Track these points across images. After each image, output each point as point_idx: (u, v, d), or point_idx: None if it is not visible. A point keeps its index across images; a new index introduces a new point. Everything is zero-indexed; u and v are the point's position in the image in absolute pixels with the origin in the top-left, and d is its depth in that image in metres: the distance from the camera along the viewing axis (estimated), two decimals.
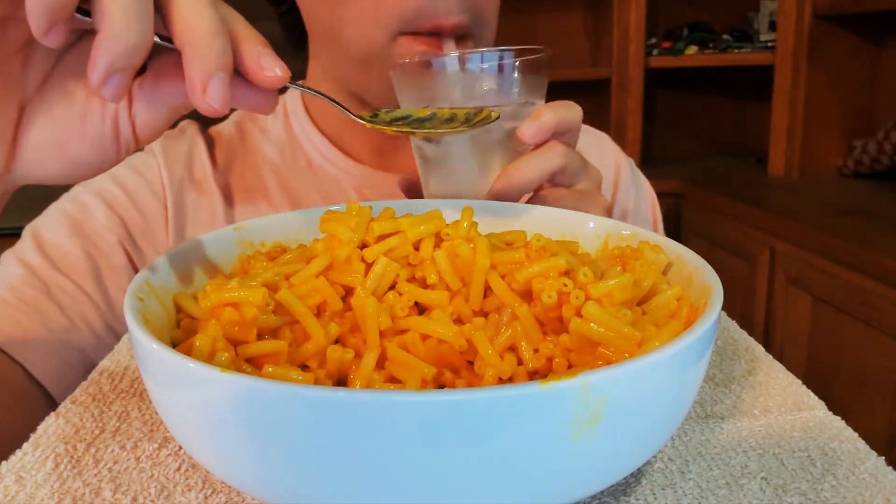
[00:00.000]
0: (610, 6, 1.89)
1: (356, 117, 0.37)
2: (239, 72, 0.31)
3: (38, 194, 0.58)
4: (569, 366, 0.30)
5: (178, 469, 0.30)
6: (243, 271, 0.36)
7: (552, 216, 0.41)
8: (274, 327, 0.30)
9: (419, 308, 0.33)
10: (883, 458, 0.30)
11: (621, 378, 0.22)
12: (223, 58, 0.30)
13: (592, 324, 0.28)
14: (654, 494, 0.28)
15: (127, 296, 0.29)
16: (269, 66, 0.31)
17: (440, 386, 0.30)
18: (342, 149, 0.66)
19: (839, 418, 0.33)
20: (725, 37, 1.94)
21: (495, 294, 0.32)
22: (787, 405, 0.34)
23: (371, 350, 0.30)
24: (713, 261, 0.32)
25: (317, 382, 0.28)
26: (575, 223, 0.40)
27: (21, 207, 0.56)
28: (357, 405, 0.21)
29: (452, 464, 0.21)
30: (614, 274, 0.31)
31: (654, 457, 0.30)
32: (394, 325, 0.31)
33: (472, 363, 0.30)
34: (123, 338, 0.43)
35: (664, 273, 0.35)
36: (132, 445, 0.31)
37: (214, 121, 0.68)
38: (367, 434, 0.21)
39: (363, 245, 0.34)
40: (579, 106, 0.48)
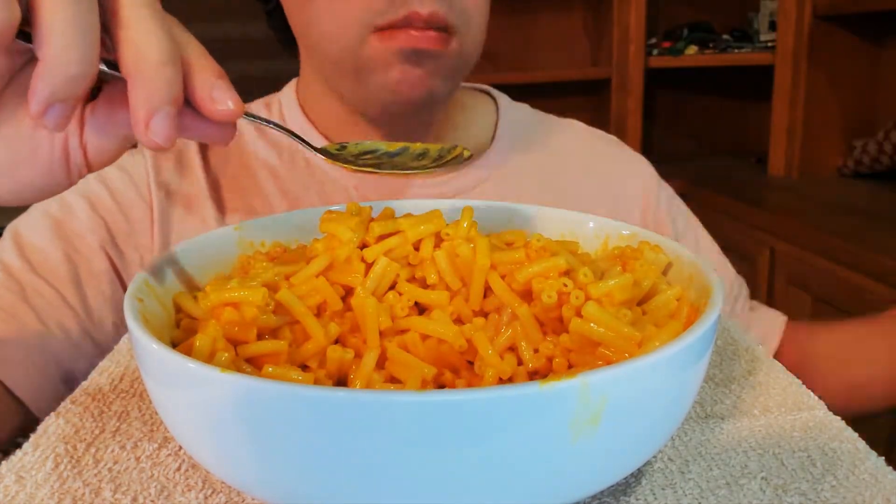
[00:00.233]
0: (610, 6, 1.89)
1: (316, 151, 0.35)
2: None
3: None
4: (569, 366, 0.30)
5: (178, 469, 0.30)
6: (243, 271, 0.36)
7: (552, 216, 0.41)
8: (274, 327, 0.30)
9: (419, 308, 0.33)
10: (883, 459, 0.30)
11: (621, 378, 0.22)
12: (171, 90, 0.28)
13: (592, 324, 0.28)
14: (654, 494, 0.28)
15: (127, 296, 0.29)
16: (222, 99, 0.29)
17: (440, 386, 0.30)
18: None
19: (839, 418, 0.33)
20: (725, 37, 1.94)
21: (495, 294, 0.32)
22: (787, 405, 0.34)
23: (371, 350, 0.30)
24: None
25: (317, 382, 0.29)
26: (575, 223, 0.40)
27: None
28: (357, 405, 0.21)
29: (452, 464, 0.21)
30: (614, 274, 0.31)
31: (654, 457, 0.30)
32: (394, 325, 0.31)
33: (472, 363, 0.30)
34: (124, 338, 0.43)
35: (664, 273, 0.35)
36: (132, 445, 0.31)
37: None
38: (367, 434, 0.21)
39: (363, 245, 0.34)
40: None
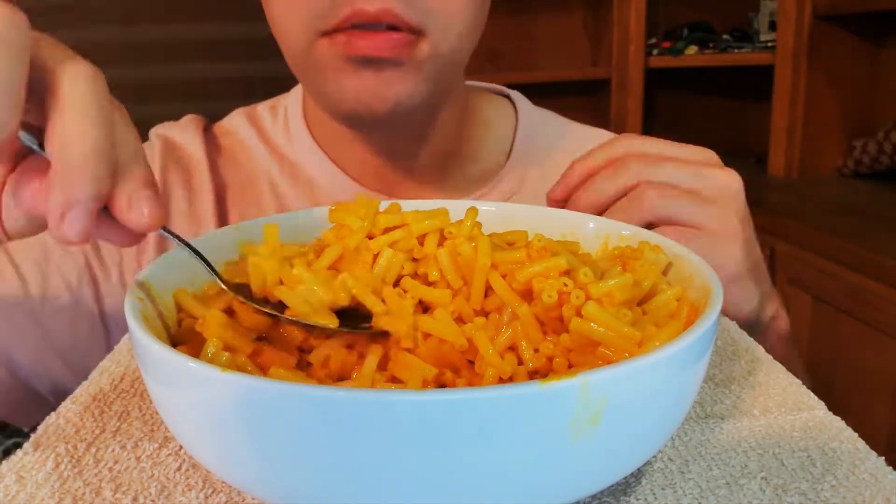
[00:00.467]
0: (610, 6, 1.89)
1: (222, 283, 0.33)
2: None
3: None
4: (569, 366, 0.30)
5: (179, 469, 0.30)
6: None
7: (553, 216, 0.41)
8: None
9: (421, 306, 0.33)
10: (883, 459, 0.30)
11: (621, 378, 0.22)
12: (93, 188, 0.26)
13: (592, 324, 0.28)
14: (654, 494, 0.28)
15: (127, 296, 0.29)
16: (139, 209, 0.27)
17: (441, 385, 0.30)
18: (343, 170, 0.60)
19: (839, 418, 0.33)
20: (725, 37, 1.94)
21: (496, 293, 0.32)
22: (787, 405, 0.34)
23: (373, 353, 0.30)
24: None
25: (319, 383, 0.29)
26: (575, 223, 0.40)
27: None
28: (357, 405, 0.21)
29: (452, 463, 0.21)
30: (614, 274, 0.31)
31: (654, 457, 0.30)
32: None
33: (473, 363, 0.30)
34: (124, 338, 0.43)
35: (664, 273, 0.35)
36: (132, 445, 0.31)
37: (220, 116, 0.66)
38: (368, 434, 0.21)
39: (370, 237, 0.34)
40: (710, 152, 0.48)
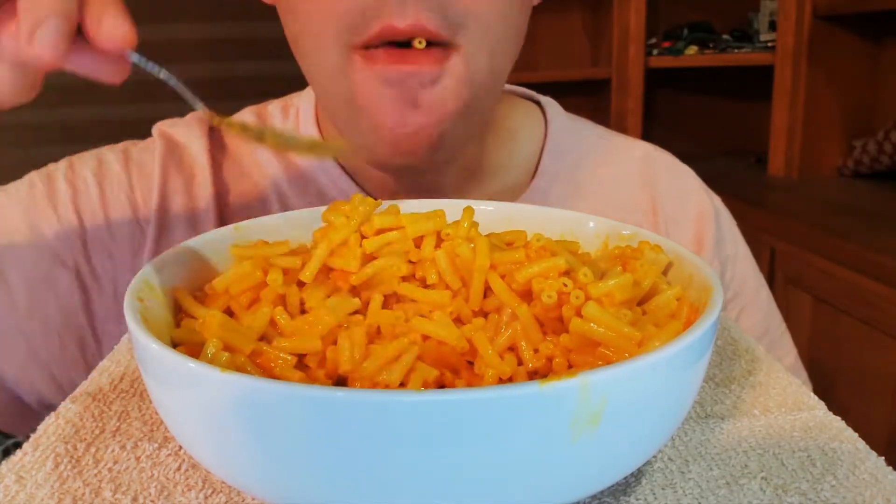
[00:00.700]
0: (610, 6, 1.89)
1: (213, 114, 0.33)
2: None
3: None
4: (569, 366, 0.30)
5: (178, 469, 0.30)
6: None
7: (552, 216, 0.41)
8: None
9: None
10: (883, 459, 0.30)
11: (621, 378, 0.22)
12: (60, 4, 0.26)
13: (592, 324, 0.28)
14: (654, 494, 0.28)
15: (127, 296, 0.29)
16: (109, 28, 0.27)
17: (440, 386, 0.30)
18: (357, 182, 0.56)
19: (839, 418, 0.33)
20: (725, 37, 1.94)
21: (495, 294, 0.32)
22: (788, 405, 0.34)
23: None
24: None
25: (315, 383, 0.28)
26: (575, 223, 0.40)
27: None
28: (357, 405, 0.21)
29: (452, 464, 0.21)
30: (614, 274, 0.31)
31: (654, 457, 0.30)
32: (394, 328, 0.31)
33: (472, 363, 0.30)
34: (123, 338, 0.43)
35: (664, 273, 0.35)
36: (132, 445, 0.31)
37: (233, 111, 0.64)
38: (367, 434, 0.21)
39: (364, 237, 0.34)
40: None
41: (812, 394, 0.35)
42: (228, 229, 0.38)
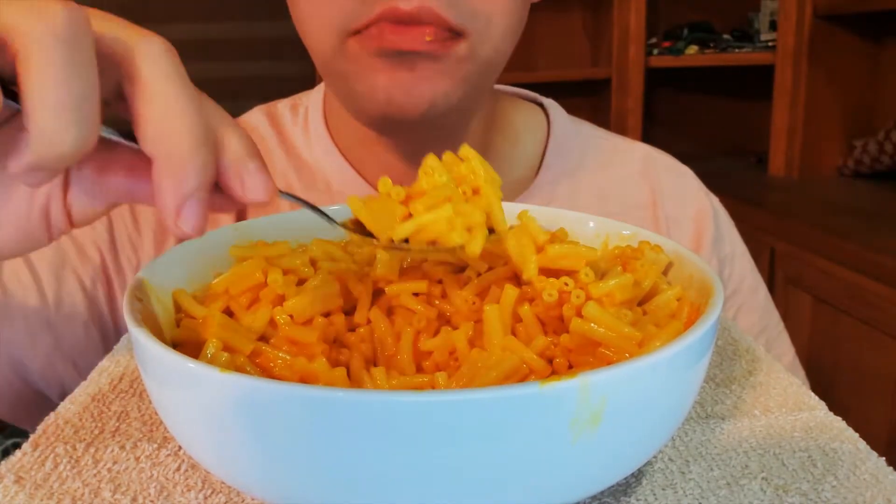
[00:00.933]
0: (610, 6, 1.89)
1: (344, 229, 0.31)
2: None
3: None
4: (569, 366, 0.30)
5: (178, 469, 0.30)
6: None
7: (552, 216, 0.41)
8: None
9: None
10: (884, 459, 0.30)
11: (621, 378, 0.22)
12: (203, 175, 0.25)
13: (593, 324, 0.28)
14: (655, 494, 0.28)
15: (126, 296, 0.29)
16: (253, 187, 0.26)
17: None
18: (364, 176, 0.57)
19: (840, 418, 0.33)
20: (726, 37, 1.94)
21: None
22: (788, 405, 0.34)
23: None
24: None
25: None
26: (575, 223, 0.40)
27: None
28: (357, 405, 0.21)
29: (453, 464, 0.21)
30: (615, 274, 0.31)
31: (655, 457, 0.30)
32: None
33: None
34: (123, 338, 0.43)
35: (664, 273, 0.35)
36: (131, 445, 0.31)
37: (236, 112, 0.64)
38: (367, 434, 0.21)
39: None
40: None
41: (812, 394, 0.35)
42: (228, 229, 0.38)
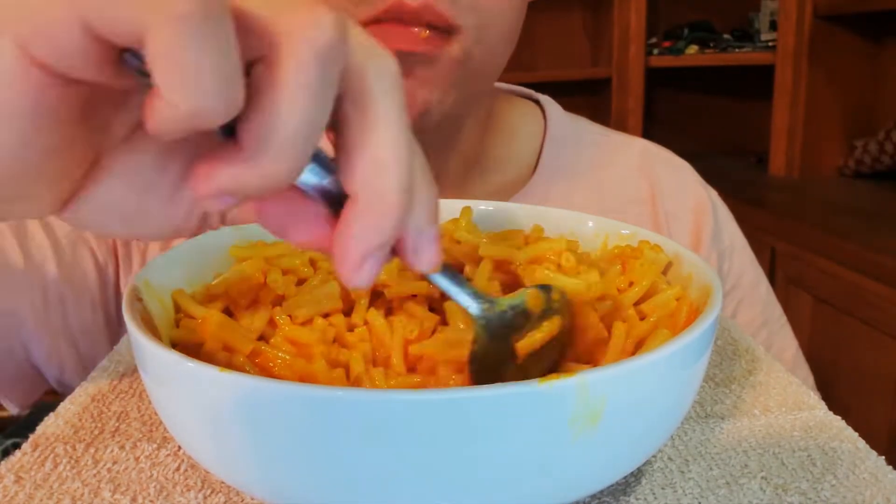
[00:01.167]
0: (610, 6, 1.89)
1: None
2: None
3: None
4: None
5: (178, 469, 0.30)
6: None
7: (552, 216, 0.41)
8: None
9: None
10: (883, 458, 0.30)
11: (621, 377, 0.22)
12: (397, 230, 0.22)
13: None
14: (654, 494, 0.28)
15: (126, 296, 0.29)
16: (425, 259, 0.24)
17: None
18: None
19: (839, 418, 0.33)
20: (726, 36, 1.94)
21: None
22: (788, 405, 0.34)
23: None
24: None
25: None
26: (574, 223, 0.40)
27: None
28: (356, 405, 0.21)
29: (452, 463, 0.21)
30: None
31: (654, 456, 0.30)
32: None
33: None
34: (124, 338, 0.43)
35: (664, 273, 0.35)
36: (131, 445, 0.31)
37: None
38: (367, 433, 0.21)
39: None
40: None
41: (812, 393, 0.35)
42: (228, 229, 0.38)
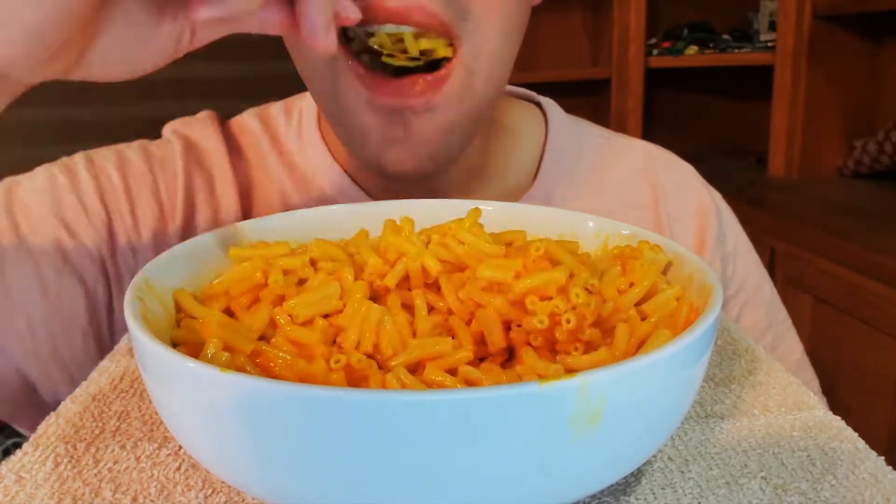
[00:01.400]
0: (610, 6, 1.89)
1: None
2: None
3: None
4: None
5: (178, 469, 0.30)
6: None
7: (552, 216, 0.41)
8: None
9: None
10: (883, 458, 0.30)
11: (620, 378, 0.22)
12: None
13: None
14: (654, 494, 0.28)
15: (127, 296, 0.29)
16: (348, 10, 0.33)
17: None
18: (358, 184, 0.56)
19: (839, 418, 0.33)
20: (725, 37, 1.94)
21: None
22: (787, 405, 0.34)
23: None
24: None
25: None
26: (575, 222, 0.40)
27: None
28: (356, 405, 0.21)
29: (452, 464, 0.21)
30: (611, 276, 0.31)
31: (654, 456, 0.30)
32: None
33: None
34: (124, 338, 0.43)
35: (664, 273, 0.35)
36: (132, 445, 0.31)
37: (227, 113, 0.63)
38: (367, 433, 0.21)
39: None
40: None
41: (812, 393, 0.35)
42: (228, 229, 0.38)
